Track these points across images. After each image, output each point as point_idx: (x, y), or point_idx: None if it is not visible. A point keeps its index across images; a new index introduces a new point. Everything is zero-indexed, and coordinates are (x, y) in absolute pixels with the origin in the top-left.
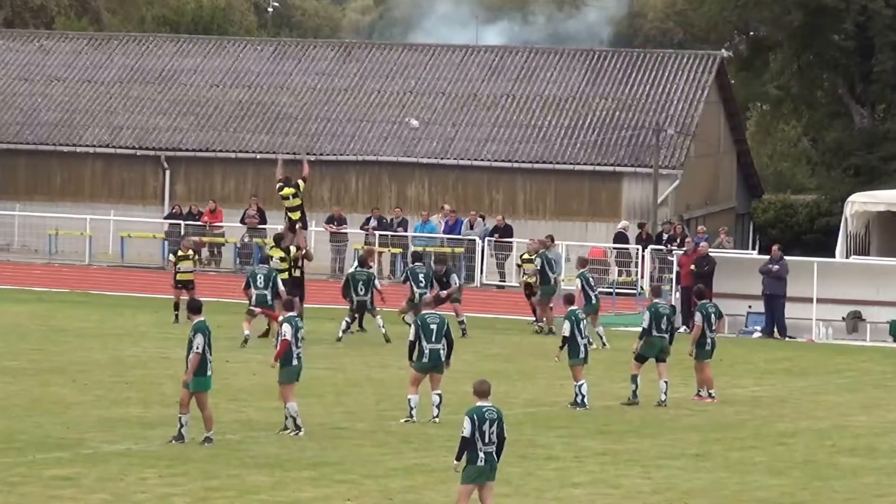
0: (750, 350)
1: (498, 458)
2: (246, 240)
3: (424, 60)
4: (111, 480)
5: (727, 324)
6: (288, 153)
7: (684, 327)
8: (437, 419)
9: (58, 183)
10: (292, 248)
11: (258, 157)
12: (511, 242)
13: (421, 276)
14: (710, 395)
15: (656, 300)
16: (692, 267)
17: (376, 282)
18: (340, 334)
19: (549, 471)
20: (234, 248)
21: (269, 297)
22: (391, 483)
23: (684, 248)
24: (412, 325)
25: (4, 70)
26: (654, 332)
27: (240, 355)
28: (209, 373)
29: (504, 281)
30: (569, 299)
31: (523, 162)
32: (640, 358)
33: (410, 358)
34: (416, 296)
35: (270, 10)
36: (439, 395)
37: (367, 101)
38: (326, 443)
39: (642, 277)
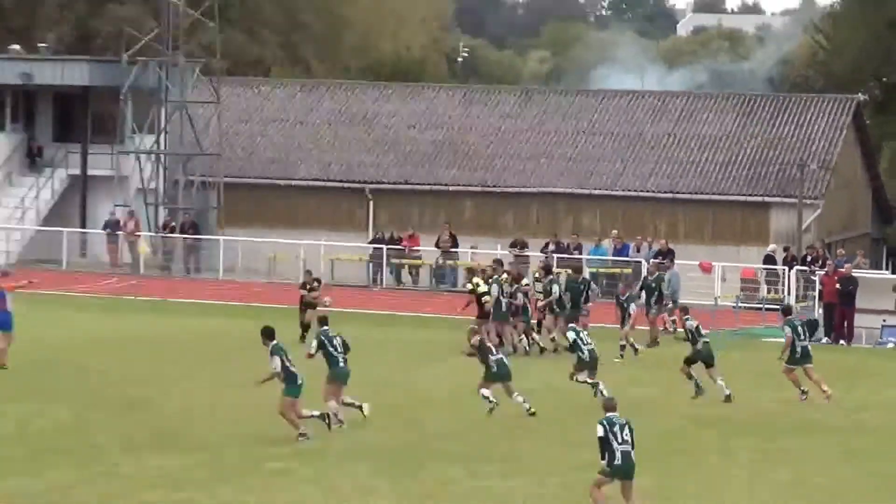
0: (885, 360)
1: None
2: (440, 262)
3: (595, 104)
4: (323, 474)
5: (864, 336)
6: (476, 186)
7: (826, 338)
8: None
9: (275, 212)
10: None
11: (450, 189)
12: (673, 264)
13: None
14: (803, 392)
15: (789, 317)
16: (837, 286)
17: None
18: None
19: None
20: (429, 269)
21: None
22: (570, 477)
23: (825, 269)
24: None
25: (228, 113)
26: (797, 342)
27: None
28: (299, 382)
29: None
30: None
31: (683, 193)
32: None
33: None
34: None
35: (460, 60)
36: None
37: (546, 139)
38: (515, 440)
39: (788, 294)
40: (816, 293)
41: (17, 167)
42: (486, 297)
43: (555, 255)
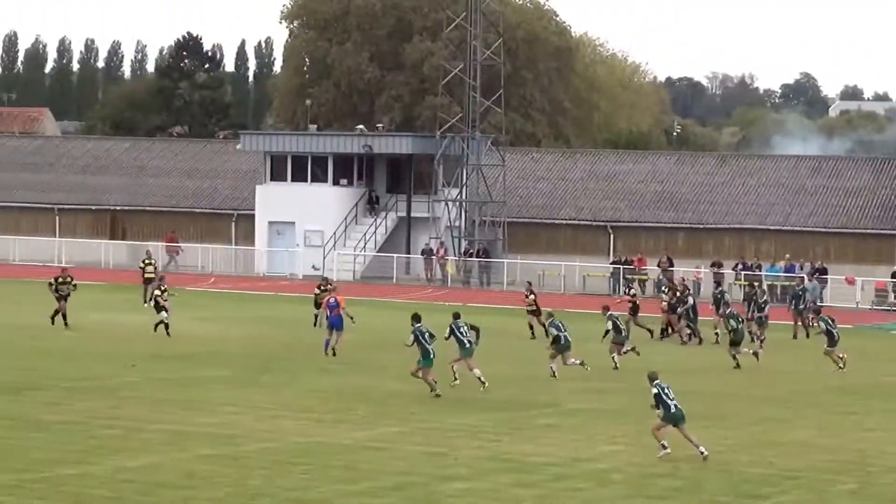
0: None
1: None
2: (660, 277)
3: (771, 164)
4: (580, 426)
5: None
6: (686, 223)
7: None
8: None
9: (544, 242)
10: None
11: (668, 225)
12: (826, 278)
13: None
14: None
15: None
16: None
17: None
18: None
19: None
20: (653, 282)
21: None
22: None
23: None
24: None
25: (510, 172)
26: None
27: None
28: (431, 356)
29: (822, 303)
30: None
31: (833, 228)
32: None
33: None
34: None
35: (675, 133)
36: None
37: (736, 190)
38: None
39: None
40: None
41: (361, 211)
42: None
43: (742, 273)
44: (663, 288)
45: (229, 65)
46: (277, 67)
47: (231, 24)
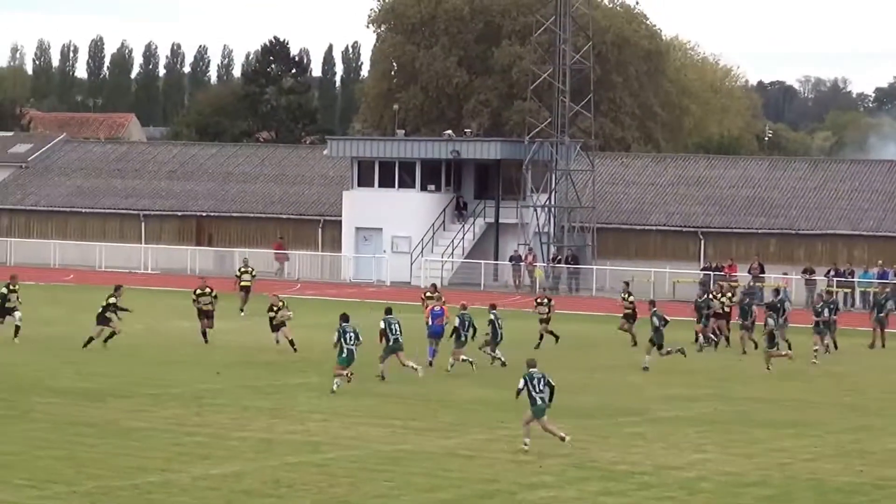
0: None
1: (549, 402)
2: (751, 284)
3: (864, 169)
4: (668, 434)
5: None
6: (777, 229)
7: None
8: None
9: (633, 248)
10: None
11: (759, 231)
12: None
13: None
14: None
15: None
16: None
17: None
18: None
19: None
20: (743, 288)
21: None
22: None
23: None
24: None
25: (599, 177)
26: None
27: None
28: (344, 355)
29: None
30: None
31: None
32: None
33: None
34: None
35: (766, 138)
36: None
37: (828, 195)
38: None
39: None
40: None
41: (449, 217)
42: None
43: (834, 279)
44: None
45: (316, 69)
46: (364, 72)
47: (318, 29)
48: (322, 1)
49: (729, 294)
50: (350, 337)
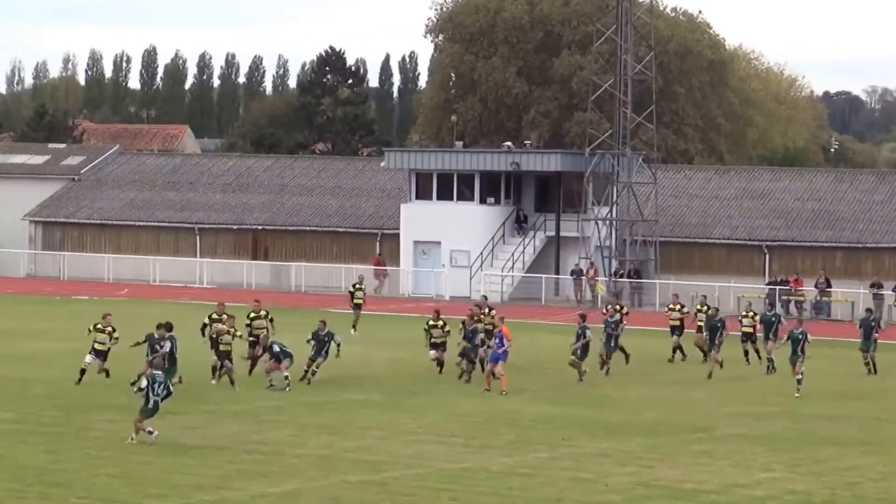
0: None
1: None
2: (818, 298)
3: None
4: (735, 452)
5: None
6: (844, 243)
7: None
8: None
9: (697, 262)
10: None
11: (825, 245)
12: None
13: None
14: None
15: None
16: None
17: None
18: None
19: None
20: (810, 303)
21: None
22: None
23: None
24: None
25: (662, 190)
26: None
27: None
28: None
29: None
30: None
31: None
32: None
33: None
34: None
35: (832, 150)
36: None
37: (895, 208)
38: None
39: None
40: None
41: (509, 230)
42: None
43: (883, 293)
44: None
45: (373, 80)
46: (422, 82)
47: (375, 38)
48: (379, 10)
49: (752, 313)
50: (159, 387)
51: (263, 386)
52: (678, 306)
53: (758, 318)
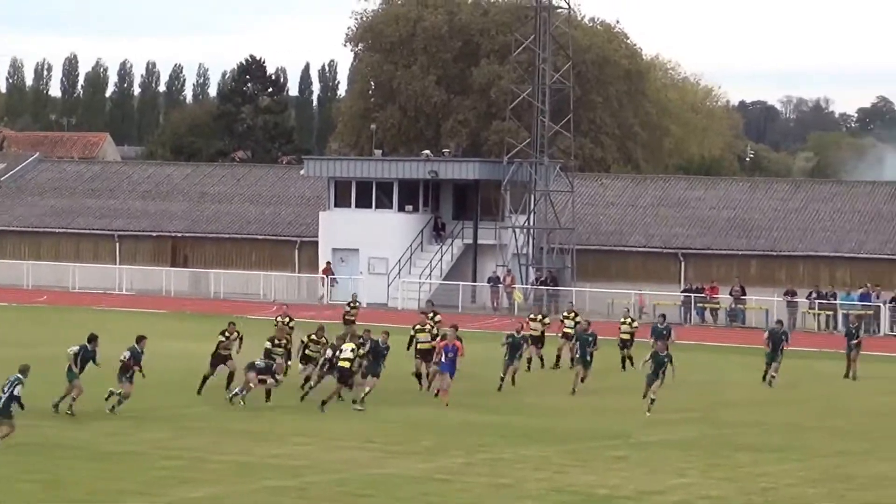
0: None
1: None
2: (732, 306)
3: (846, 190)
4: (650, 458)
5: None
6: (758, 251)
7: None
8: None
9: (613, 270)
10: None
11: (740, 252)
12: None
13: None
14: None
15: None
16: None
17: None
18: None
19: None
20: (725, 311)
21: None
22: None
23: None
24: None
25: (579, 198)
26: None
27: None
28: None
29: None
30: None
31: None
32: None
33: None
34: None
35: (747, 159)
36: None
37: (810, 216)
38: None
39: None
40: None
41: (426, 237)
42: None
43: (816, 301)
44: (565, 313)
45: (293, 88)
46: (342, 91)
47: (295, 48)
48: (299, 19)
49: (540, 316)
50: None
51: (191, 393)
52: (629, 319)
53: (636, 324)
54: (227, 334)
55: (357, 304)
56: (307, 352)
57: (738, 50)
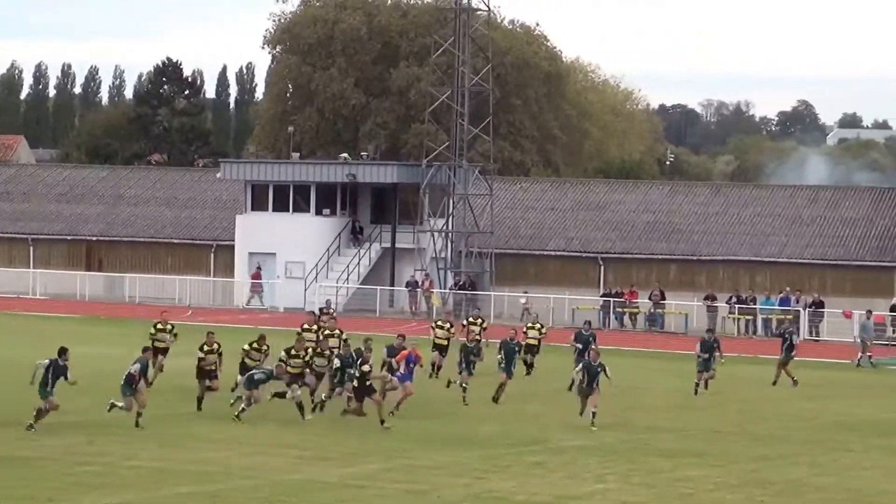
0: None
1: None
2: (652, 310)
3: (767, 194)
4: (569, 464)
5: None
6: (678, 255)
7: None
8: None
9: (532, 274)
10: None
11: (660, 257)
12: (823, 312)
13: None
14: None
15: None
16: None
17: None
18: None
19: None
20: (644, 316)
21: None
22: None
23: None
24: None
25: (498, 202)
26: None
27: None
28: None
29: (818, 336)
30: None
31: (830, 260)
32: None
33: None
34: None
35: (667, 162)
36: None
37: (730, 220)
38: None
39: None
40: None
41: (344, 241)
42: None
43: (736, 305)
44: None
45: (210, 91)
46: (259, 94)
47: (212, 50)
48: (216, 21)
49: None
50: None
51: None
52: (538, 325)
53: (545, 330)
54: (206, 347)
55: (332, 311)
56: (246, 360)
57: (659, 53)
